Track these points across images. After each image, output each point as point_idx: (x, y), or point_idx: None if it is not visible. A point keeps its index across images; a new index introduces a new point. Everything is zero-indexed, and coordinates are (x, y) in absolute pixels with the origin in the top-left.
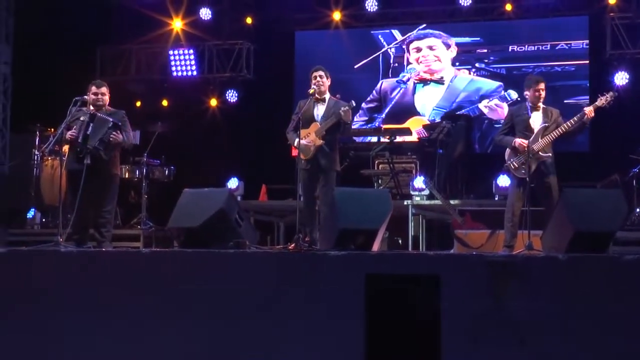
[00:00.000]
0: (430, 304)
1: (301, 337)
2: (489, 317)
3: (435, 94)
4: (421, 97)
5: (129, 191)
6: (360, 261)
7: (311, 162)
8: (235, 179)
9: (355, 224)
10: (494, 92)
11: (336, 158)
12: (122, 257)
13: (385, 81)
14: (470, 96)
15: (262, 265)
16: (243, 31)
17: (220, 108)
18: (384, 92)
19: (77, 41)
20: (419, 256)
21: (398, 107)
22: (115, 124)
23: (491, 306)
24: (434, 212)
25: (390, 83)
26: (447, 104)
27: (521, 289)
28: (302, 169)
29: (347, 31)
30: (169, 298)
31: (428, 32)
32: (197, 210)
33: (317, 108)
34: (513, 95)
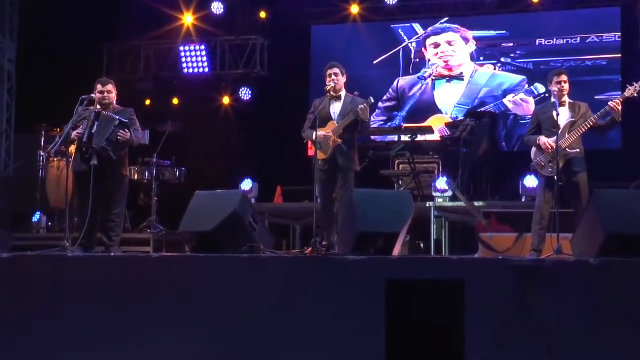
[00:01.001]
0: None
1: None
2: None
3: (456, 90)
4: (442, 94)
5: (139, 193)
6: (380, 266)
7: (329, 162)
8: (249, 180)
9: (375, 227)
10: (517, 86)
11: (355, 158)
12: (132, 263)
13: (402, 79)
14: (493, 91)
15: (278, 270)
16: (257, 26)
17: (233, 106)
18: (402, 90)
19: (84, 38)
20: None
21: (419, 105)
22: (122, 122)
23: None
24: (457, 215)
25: (408, 80)
26: (469, 100)
27: (549, 294)
28: (319, 170)
29: (365, 25)
30: (180, 305)
31: (445, 27)
32: (210, 213)
33: (333, 106)
34: (540, 89)
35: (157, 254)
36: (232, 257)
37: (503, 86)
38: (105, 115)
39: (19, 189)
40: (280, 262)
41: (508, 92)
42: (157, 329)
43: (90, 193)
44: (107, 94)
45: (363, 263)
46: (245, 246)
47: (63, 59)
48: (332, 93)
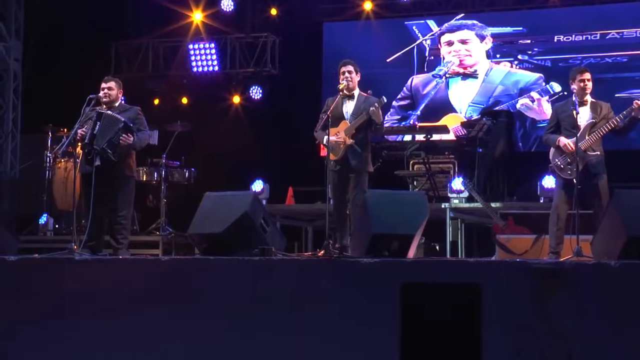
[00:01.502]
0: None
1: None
2: (534, 329)
3: (471, 88)
4: (456, 92)
5: (147, 195)
6: (394, 269)
7: (341, 163)
8: (260, 181)
9: (389, 229)
10: (533, 84)
11: (368, 158)
12: (140, 266)
13: (415, 77)
14: (508, 90)
15: (290, 273)
16: (267, 23)
17: (244, 105)
18: (415, 89)
19: (91, 36)
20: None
21: (433, 104)
22: (127, 125)
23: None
24: (473, 216)
25: (422, 78)
26: (484, 99)
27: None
28: (332, 170)
29: (379, 22)
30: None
31: (461, 24)
32: (220, 215)
33: (346, 105)
34: (556, 88)
35: (167, 257)
36: (242, 260)
37: (519, 84)
38: (108, 115)
39: (25, 191)
40: (292, 265)
41: (524, 91)
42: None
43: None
44: (108, 91)
45: (377, 266)
46: (257, 249)
47: (70, 57)
48: (345, 92)
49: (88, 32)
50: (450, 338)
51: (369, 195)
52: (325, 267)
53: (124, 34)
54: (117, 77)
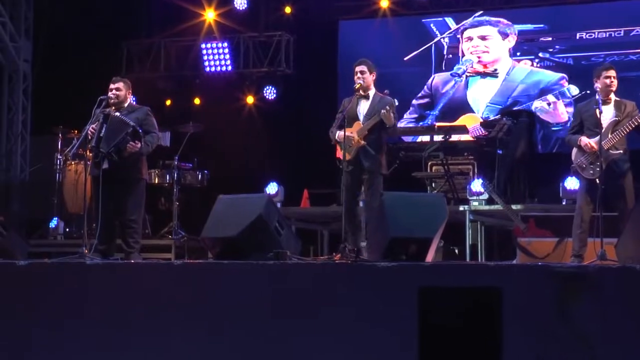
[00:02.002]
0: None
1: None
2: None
3: (489, 87)
4: (474, 91)
5: (159, 198)
6: (412, 273)
7: (353, 164)
8: (274, 183)
9: (407, 232)
10: (555, 84)
11: (382, 160)
12: (152, 270)
13: (437, 75)
14: (528, 90)
15: (305, 278)
16: (282, 21)
17: (258, 106)
18: (435, 88)
19: (102, 36)
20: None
21: (451, 103)
22: (135, 130)
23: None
24: (493, 219)
25: (443, 77)
26: (502, 99)
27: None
28: (344, 171)
29: (395, 20)
30: (203, 314)
31: (484, 20)
32: (234, 218)
33: (360, 105)
34: (573, 91)
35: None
36: (257, 264)
37: (540, 84)
38: (115, 117)
39: (35, 194)
40: (308, 269)
41: (545, 91)
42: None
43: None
44: (117, 91)
45: (394, 270)
46: (271, 252)
47: (80, 58)
48: (360, 92)
49: (98, 32)
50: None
51: (386, 197)
52: (342, 271)
53: (135, 33)
54: (128, 77)
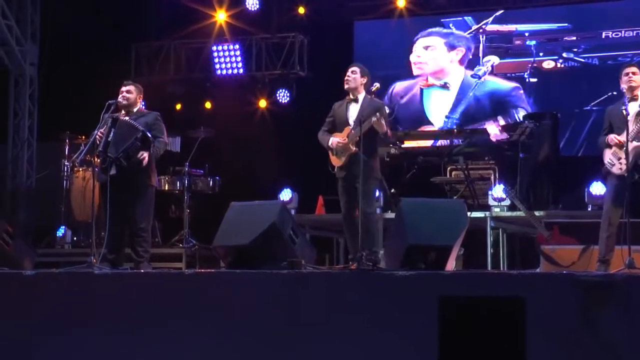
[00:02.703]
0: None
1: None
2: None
3: (444, 100)
4: (430, 103)
5: (169, 205)
6: (432, 282)
7: (346, 170)
8: (288, 190)
9: (426, 240)
10: (508, 96)
11: (375, 165)
12: (163, 280)
13: (398, 84)
14: (483, 102)
15: (320, 287)
16: (295, 22)
17: (271, 110)
18: (395, 97)
19: (110, 38)
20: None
21: (411, 114)
22: (145, 135)
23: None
24: (516, 226)
25: (404, 85)
26: (457, 114)
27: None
28: (337, 178)
29: (412, 20)
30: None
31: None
32: (246, 226)
33: (350, 109)
34: None
35: (190, 270)
36: (270, 274)
37: (493, 96)
38: (123, 121)
39: (42, 202)
40: (323, 278)
41: (499, 104)
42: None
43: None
44: (127, 94)
45: (413, 279)
46: (285, 261)
47: (88, 61)
48: (350, 95)
49: (106, 34)
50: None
51: (404, 204)
52: (358, 280)
53: (143, 35)
54: (137, 81)
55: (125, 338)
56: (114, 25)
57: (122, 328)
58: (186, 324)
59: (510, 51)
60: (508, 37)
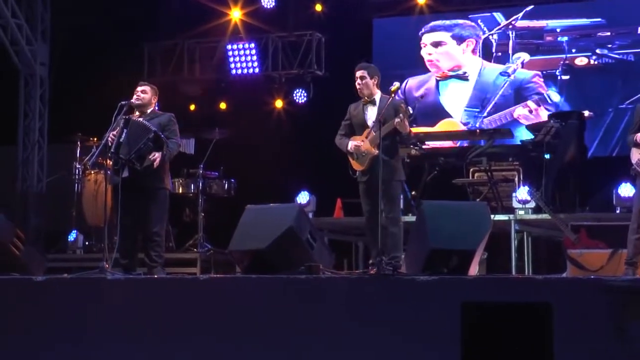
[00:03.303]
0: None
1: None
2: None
3: (462, 91)
4: (447, 95)
5: (184, 209)
6: (455, 287)
7: (367, 174)
8: (305, 192)
9: (448, 244)
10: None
11: (398, 166)
12: (177, 285)
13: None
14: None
15: (339, 293)
16: (312, 20)
17: (287, 110)
18: (409, 91)
19: (122, 37)
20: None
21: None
22: (157, 136)
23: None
24: (541, 229)
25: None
26: (478, 102)
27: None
28: (359, 182)
29: (434, 17)
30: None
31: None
32: (263, 229)
33: (367, 111)
34: (554, 98)
35: (205, 276)
36: (287, 279)
37: (514, 84)
38: (136, 122)
39: (53, 205)
40: (342, 283)
41: (521, 91)
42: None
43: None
44: (142, 94)
45: (435, 284)
46: (303, 266)
47: (99, 61)
48: (365, 98)
49: (118, 33)
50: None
51: (425, 207)
52: (378, 286)
53: (156, 34)
54: (150, 81)
55: (138, 346)
56: (125, 24)
57: (135, 335)
58: (201, 331)
59: (541, 48)
60: (539, 33)
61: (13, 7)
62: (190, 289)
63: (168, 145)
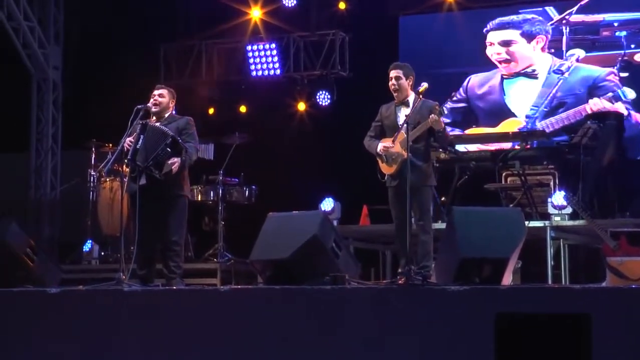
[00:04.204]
0: (578, 349)
1: None
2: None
3: (530, 89)
4: (513, 94)
5: (203, 217)
6: (487, 298)
7: (397, 178)
8: (330, 199)
9: (480, 252)
10: (604, 80)
11: (429, 171)
12: (196, 297)
13: (474, 76)
14: (574, 88)
15: (366, 304)
16: (335, 19)
17: (310, 113)
18: (472, 90)
19: (137, 39)
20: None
21: (491, 107)
22: (175, 141)
23: None
24: (578, 236)
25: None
26: (544, 99)
27: None
28: (389, 187)
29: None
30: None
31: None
32: (285, 238)
33: (400, 112)
34: (629, 94)
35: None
36: (312, 290)
37: (588, 81)
38: (153, 127)
39: (67, 214)
40: (369, 294)
41: (594, 89)
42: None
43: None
44: (159, 98)
45: (467, 295)
46: (328, 276)
47: (114, 64)
48: (397, 99)
49: (133, 34)
50: None
51: (455, 213)
52: (407, 296)
53: (173, 35)
54: (167, 84)
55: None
56: (141, 24)
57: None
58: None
59: (597, 43)
60: (594, 27)
61: (25, 9)
62: (211, 301)
63: (187, 150)
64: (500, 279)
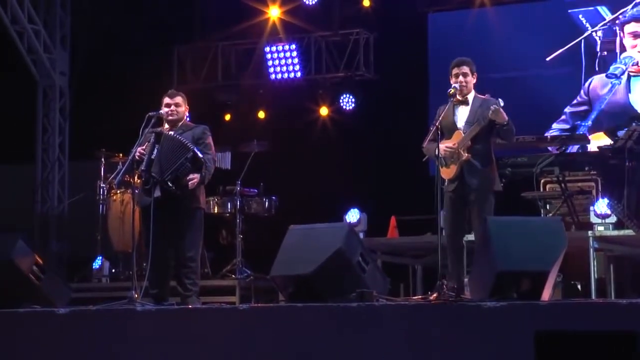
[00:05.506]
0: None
1: None
2: None
3: None
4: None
5: (220, 230)
6: (527, 314)
7: (456, 183)
8: (356, 210)
9: (518, 265)
10: None
11: (493, 175)
12: (214, 316)
13: (596, 77)
14: None
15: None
16: (359, 17)
17: (333, 118)
18: (594, 92)
19: (149, 41)
20: (606, 306)
21: (611, 110)
22: (196, 157)
23: None
24: (624, 247)
25: (603, 80)
26: None
27: None
28: (446, 192)
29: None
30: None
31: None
32: (308, 253)
33: (458, 112)
34: None
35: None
36: (337, 307)
37: None
38: (169, 136)
39: (76, 229)
40: (399, 311)
41: None
42: None
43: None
44: (175, 107)
45: (504, 311)
46: (354, 292)
47: (125, 68)
48: (457, 97)
49: (145, 37)
50: None
51: (491, 223)
52: (440, 314)
53: (187, 36)
54: (181, 88)
55: None
56: (153, 26)
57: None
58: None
59: None
60: None
61: (29, 11)
62: (229, 320)
63: (207, 165)
64: (540, 293)
